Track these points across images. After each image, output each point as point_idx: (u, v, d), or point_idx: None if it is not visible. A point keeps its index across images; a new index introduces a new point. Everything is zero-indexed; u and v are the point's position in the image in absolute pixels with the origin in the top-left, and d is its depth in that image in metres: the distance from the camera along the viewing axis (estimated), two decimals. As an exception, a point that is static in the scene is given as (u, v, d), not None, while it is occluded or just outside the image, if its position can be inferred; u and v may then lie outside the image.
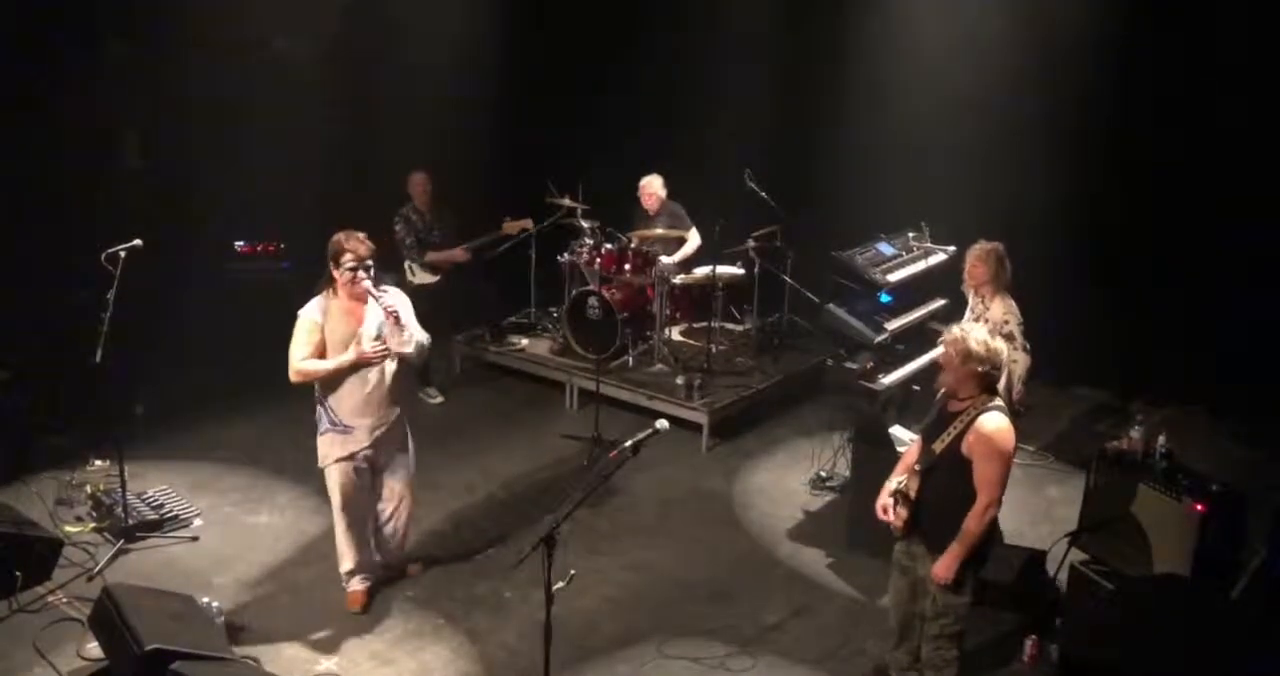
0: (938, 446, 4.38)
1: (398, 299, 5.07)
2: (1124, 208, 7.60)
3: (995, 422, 4.25)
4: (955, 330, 4.40)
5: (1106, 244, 7.66)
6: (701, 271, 7.97)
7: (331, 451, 5.16)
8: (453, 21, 8.92)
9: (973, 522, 4.28)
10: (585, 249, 7.98)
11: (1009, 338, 5.60)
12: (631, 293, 7.91)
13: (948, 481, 4.35)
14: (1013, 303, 5.77)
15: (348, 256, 4.94)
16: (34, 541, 5.28)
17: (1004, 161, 7.62)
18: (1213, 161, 7.20)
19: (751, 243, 7.92)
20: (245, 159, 8.20)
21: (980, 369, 4.27)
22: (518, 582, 5.49)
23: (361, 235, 5.01)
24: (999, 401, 4.34)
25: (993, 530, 4.44)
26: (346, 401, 5.07)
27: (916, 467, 4.49)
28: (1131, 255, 7.63)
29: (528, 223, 8.10)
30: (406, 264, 8.13)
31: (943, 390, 4.51)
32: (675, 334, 8.35)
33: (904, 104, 8.06)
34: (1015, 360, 5.64)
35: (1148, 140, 7.48)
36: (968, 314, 5.92)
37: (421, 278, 7.91)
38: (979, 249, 5.85)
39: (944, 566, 4.36)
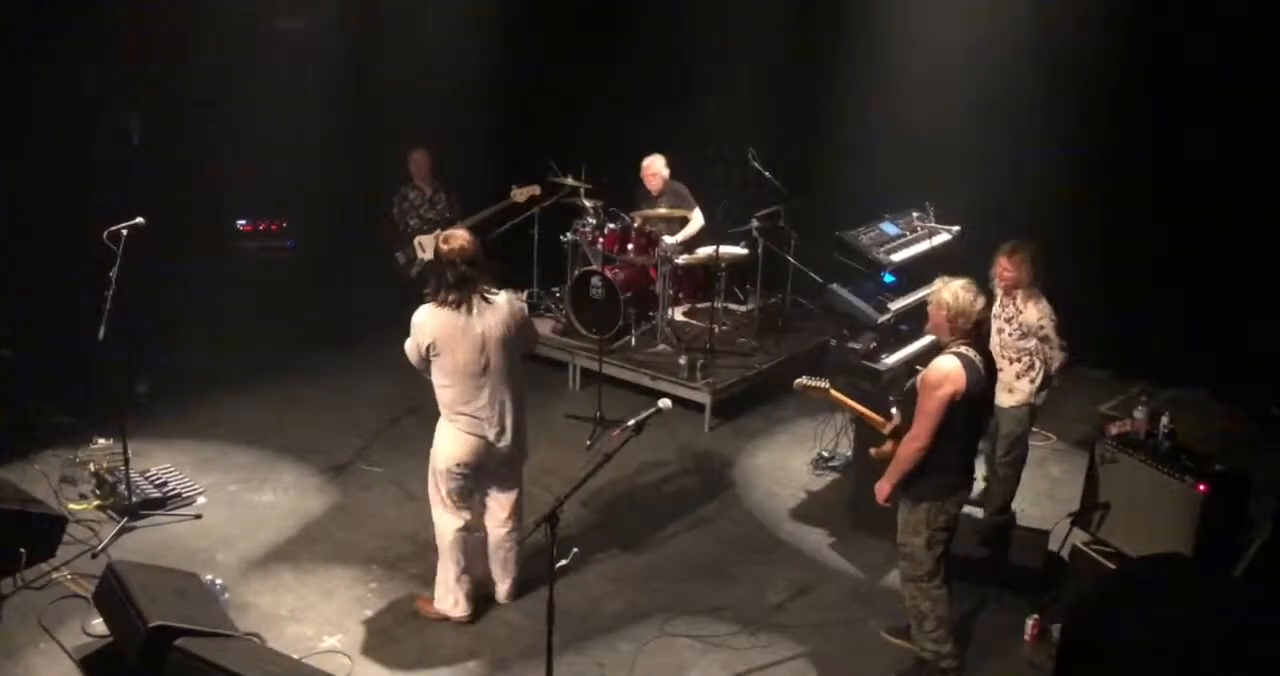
0: (912, 381, 4.65)
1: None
2: (1126, 187, 7.57)
3: (940, 361, 4.49)
4: (937, 281, 4.66)
5: (1108, 223, 7.63)
6: (704, 251, 7.94)
7: None
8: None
9: (902, 447, 4.53)
10: (588, 228, 7.97)
11: (1045, 339, 5.62)
12: (634, 272, 7.89)
13: (909, 414, 4.59)
14: (1046, 303, 5.64)
15: None
16: (38, 519, 5.28)
17: (1007, 142, 7.58)
18: (1216, 140, 7.16)
19: (755, 222, 7.90)
20: (248, 137, 8.18)
21: (947, 316, 4.52)
22: (521, 561, 5.50)
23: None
24: (967, 350, 4.50)
25: (943, 474, 4.54)
26: None
27: (894, 411, 4.81)
28: (1134, 234, 7.60)
29: (535, 189, 8.06)
30: (416, 240, 8.15)
31: None
32: (678, 314, 8.33)
33: (908, 83, 8.01)
34: (1053, 357, 5.65)
35: (1150, 119, 7.45)
36: (996, 311, 5.72)
37: (431, 253, 7.90)
38: (1015, 253, 5.61)
39: (879, 485, 4.66)
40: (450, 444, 4.97)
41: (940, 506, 4.58)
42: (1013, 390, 5.69)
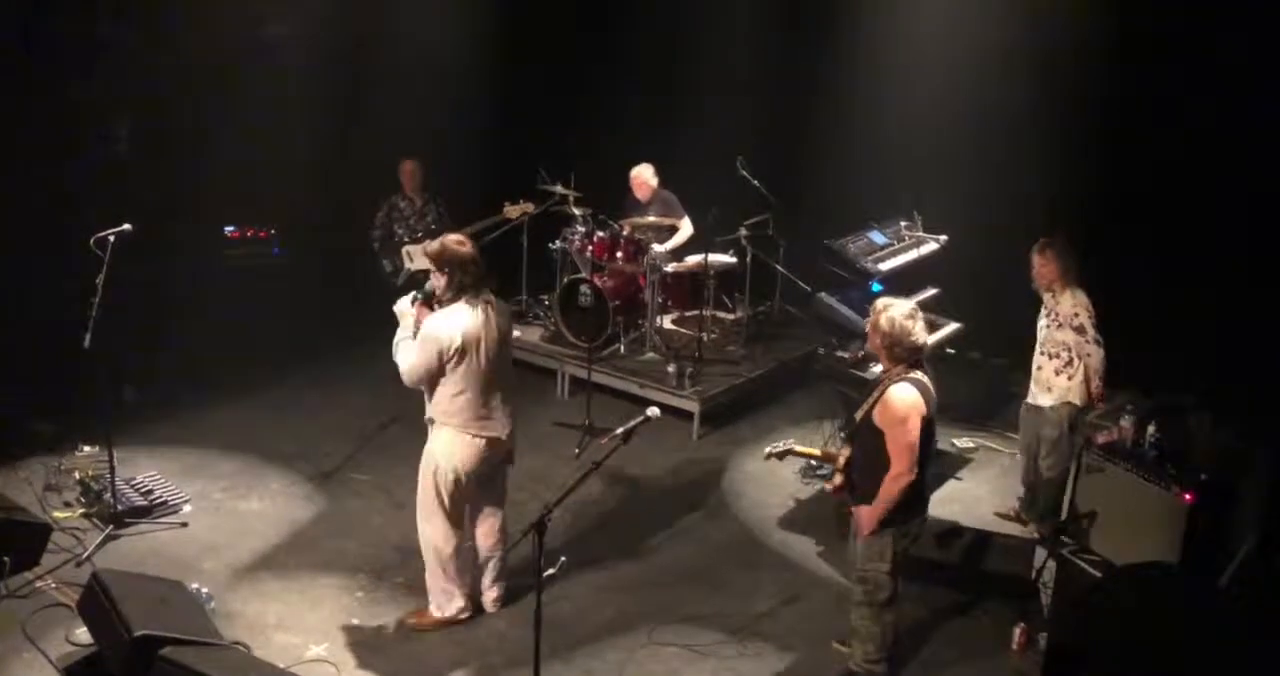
0: (858, 414, 4.57)
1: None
2: (1116, 195, 7.59)
3: (899, 393, 4.40)
4: (879, 303, 4.56)
5: (1098, 231, 7.64)
6: (693, 259, 7.96)
7: None
8: (447, 7, 8.88)
9: (885, 485, 4.44)
10: (577, 236, 7.98)
11: (1079, 330, 5.60)
12: (623, 280, 7.90)
13: (867, 448, 4.54)
14: (1083, 295, 5.65)
15: None
16: (22, 527, 5.25)
17: (998, 150, 7.61)
18: (1208, 150, 7.18)
19: (743, 231, 7.92)
20: (235, 143, 8.15)
21: (883, 342, 4.45)
22: (509, 569, 5.49)
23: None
24: (917, 375, 4.46)
25: (911, 500, 4.52)
26: None
27: (841, 434, 4.61)
28: (1123, 243, 7.61)
29: (529, 207, 8.06)
30: (404, 250, 8.12)
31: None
32: (667, 322, 8.34)
33: (898, 91, 8.04)
34: (1089, 353, 5.61)
35: (1145, 129, 7.46)
36: (1042, 313, 5.81)
37: (419, 263, 7.89)
38: (1043, 250, 5.67)
39: (864, 516, 4.54)
40: (464, 454, 4.91)
41: (905, 530, 4.57)
42: (1051, 388, 5.73)
